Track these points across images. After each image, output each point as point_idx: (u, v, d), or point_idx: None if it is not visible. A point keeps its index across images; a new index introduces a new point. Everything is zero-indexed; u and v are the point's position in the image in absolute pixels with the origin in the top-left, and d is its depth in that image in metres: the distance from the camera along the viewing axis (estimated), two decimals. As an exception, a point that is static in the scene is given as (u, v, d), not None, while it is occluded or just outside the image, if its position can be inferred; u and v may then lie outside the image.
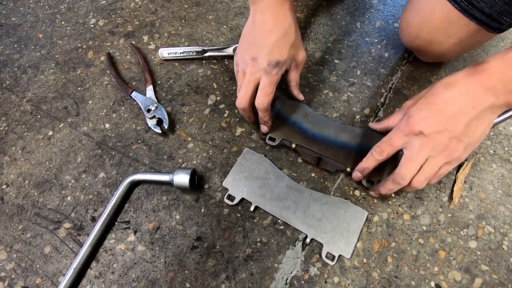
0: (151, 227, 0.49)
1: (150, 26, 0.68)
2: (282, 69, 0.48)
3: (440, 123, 0.39)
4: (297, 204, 0.49)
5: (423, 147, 0.40)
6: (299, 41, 0.50)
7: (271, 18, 0.46)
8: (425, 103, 0.41)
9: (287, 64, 0.49)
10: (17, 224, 0.49)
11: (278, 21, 0.47)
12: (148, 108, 0.56)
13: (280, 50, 0.46)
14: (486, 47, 0.66)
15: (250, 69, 0.47)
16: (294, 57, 0.49)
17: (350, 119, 0.57)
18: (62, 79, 0.62)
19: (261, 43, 0.46)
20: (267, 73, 0.46)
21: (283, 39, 0.46)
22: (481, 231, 0.48)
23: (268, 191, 0.50)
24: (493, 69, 0.37)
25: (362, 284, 0.45)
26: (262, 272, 0.45)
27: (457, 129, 0.39)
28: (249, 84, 0.47)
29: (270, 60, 0.46)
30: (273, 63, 0.46)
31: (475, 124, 0.39)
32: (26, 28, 0.69)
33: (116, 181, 0.52)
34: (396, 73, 0.62)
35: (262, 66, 0.46)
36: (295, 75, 0.52)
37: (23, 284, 0.45)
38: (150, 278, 0.45)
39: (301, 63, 0.51)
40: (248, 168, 0.51)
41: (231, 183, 0.50)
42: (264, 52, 0.46)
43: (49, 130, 0.57)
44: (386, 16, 0.69)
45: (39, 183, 0.52)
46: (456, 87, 0.39)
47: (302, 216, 0.48)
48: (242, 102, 0.48)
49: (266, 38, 0.46)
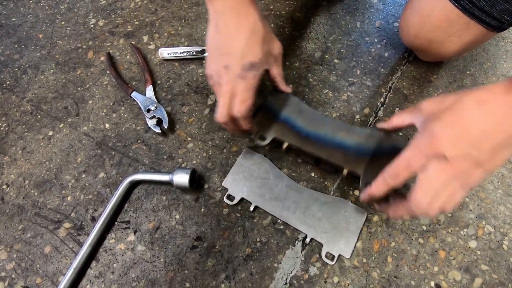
0: (151, 227, 0.49)
1: (150, 26, 0.68)
2: (260, 70, 0.44)
3: (465, 145, 0.34)
4: (297, 204, 0.49)
5: (443, 172, 0.35)
6: (270, 34, 0.46)
7: (233, 19, 0.42)
8: (452, 121, 0.35)
9: (264, 63, 0.45)
10: (17, 224, 0.49)
11: (241, 20, 0.42)
12: (148, 108, 0.56)
13: (252, 50, 0.43)
14: (487, 47, 0.66)
15: (224, 79, 0.43)
16: (269, 52, 0.45)
17: (350, 119, 0.57)
18: (62, 79, 0.62)
19: (230, 48, 0.43)
20: (243, 78, 0.42)
21: (252, 37, 0.43)
22: (481, 230, 0.48)
23: (267, 191, 0.50)
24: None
25: (362, 284, 0.45)
26: (261, 272, 0.45)
27: (481, 154, 0.34)
28: (227, 94, 0.43)
29: (243, 64, 0.42)
30: (247, 66, 0.42)
31: (501, 150, 0.34)
32: (26, 29, 0.69)
33: (116, 181, 0.52)
34: (396, 73, 0.62)
35: (237, 72, 0.42)
36: (277, 69, 0.48)
37: (23, 284, 0.45)
38: (150, 278, 0.45)
39: (279, 56, 0.48)
40: (248, 168, 0.51)
41: (231, 183, 0.50)
42: (236, 57, 0.42)
43: (49, 130, 0.57)
44: (386, 16, 0.69)
45: (39, 183, 0.52)
46: (489, 104, 0.34)
47: (301, 216, 0.48)
48: (221, 115, 0.44)
49: (234, 41, 0.42)
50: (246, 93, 0.43)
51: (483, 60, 0.64)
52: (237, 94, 0.43)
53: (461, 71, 0.62)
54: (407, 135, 0.55)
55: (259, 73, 0.44)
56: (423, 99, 0.59)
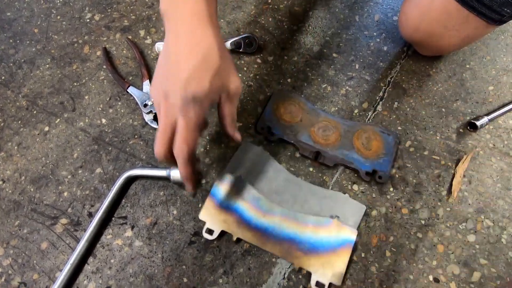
0: (148, 222, 0.48)
1: (147, 20, 0.67)
2: (204, 104, 0.37)
3: None
4: (295, 197, 0.49)
5: None
6: (227, 66, 0.38)
7: (185, 39, 0.36)
8: None
9: (212, 97, 0.38)
10: (14, 220, 0.49)
11: (193, 42, 0.36)
12: (145, 103, 0.56)
13: (199, 80, 0.36)
14: (486, 40, 0.65)
15: (163, 110, 0.37)
16: (222, 87, 0.38)
17: (349, 113, 0.56)
18: (58, 74, 0.62)
19: (174, 74, 0.36)
20: (183, 113, 0.36)
21: (202, 65, 0.36)
22: (480, 225, 0.48)
23: (266, 184, 0.50)
24: None
25: (360, 278, 0.44)
26: (260, 267, 0.45)
27: None
28: (166, 129, 0.37)
29: (185, 96, 0.35)
30: (189, 99, 0.35)
31: None
32: (21, 23, 0.68)
33: (113, 176, 0.52)
34: (395, 67, 0.61)
35: (177, 105, 0.36)
36: (228, 108, 0.41)
37: (20, 280, 0.45)
38: (147, 273, 0.45)
39: (235, 94, 0.40)
40: (246, 161, 0.51)
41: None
42: (177, 86, 0.35)
43: (45, 126, 0.57)
44: (385, 9, 0.68)
45: (36, 179, 0.52)
46: None
47: (300, 210, 0.48)
48: (159, 153, 0.38)
49: (180, 67, 0.36)
50: (187, 132, 0.37)
51: (483, 53, 0.63)
52: (177, 130, 0.37)
53: (461, 65, 0.62)
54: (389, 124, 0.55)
55: (204, 108, 0.37)
56: (422, 92, 0.59)
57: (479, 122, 0.54)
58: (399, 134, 0.54)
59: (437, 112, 0.57)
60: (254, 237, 0.45)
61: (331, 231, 0.45)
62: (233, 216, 0.47)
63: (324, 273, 0.43)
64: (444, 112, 0.57)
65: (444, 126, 0.55)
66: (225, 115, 0.42)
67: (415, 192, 0.50)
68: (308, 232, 0.45)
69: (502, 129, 0.55)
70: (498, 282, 0.44)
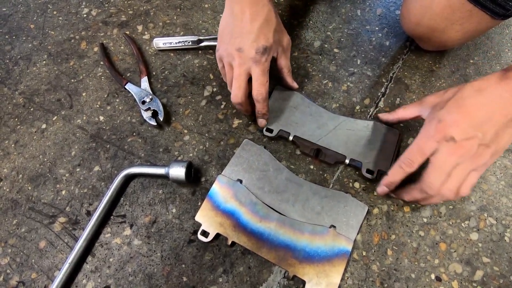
0: (147, 220, 0.48)
1: (145, 15, 0.66)
2: (270, 55, 0.47)
3: (471, 128, 0.37)
4: (296, 197, 0.48)
5: (452, 154, 0.38)
6: (281, 26, 0.49)
7: (249, 7, 0.46)
8: (455, 106, 0.39)
9: (274, 50, 0.48)
10: (12, 219, 0.48)
11: (257, 9, 0.46)
12: (143, 100, 0.55)
13: (265, 35, 0.46)
14: (491, 35, 0.64)
15: (237, 61, 0.46)
16: (279, 42, 0.49)
17: (350, 110, 0.56)
18: (55, 70, 0.61)
19: (244, 32, 0.45)
20: (257, 62, 0.45)
21: (265, 25, 0.46)
22: (483, 223, 0.47)
23: (267, 183, 0.49)
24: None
25: (362, 277, 0.44)
26: (259, 266, 0.45)
27: (487, 135, 0.37)
28: (241, 77, 0.46)
29: (257, 47, 0.45)
30: (261, 50, 0.45)
31: (504, 132, 0.37)
32: (17, 19, 0.67)
33: (111, 174, 0.51)
34: (397, 62, 0.60)
35: (250, 55, 0.45)
36: (285, 61, 0.51)
37: (18, 279, 0.45)
38: (146, 272, 0.45)
39: (288, 48, 0.51)
40: (247, 160, 0.50)
41: (229, 175, 0.49)
42: (250, 40, 0.45)
43: (42, 123, 0.56)
44: (388, 3, 0.67)
45: (33, 177, 0.51)
46: (487, 92, 0.38)
47: (301, 209, 0.47)
48: (238, 96, 0.47)
49: (249, 26, 0.45)
50: (264, 77, 0.46)
51: (487, 48, 0.62)
52: (254, 77, 0.46)
53: (464, 60, 0.61)
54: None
55: (270, 58, 0.47)
56: (425, 88, 0.58)
57: (482, 118, 0.53)
58: (401, 131, 0.53)
59: (439, 108, 0.56)
60: (249, 242, 0.45)
61: (326, 240, 0.45)
62: (230, 220, 0.46)
63: (319, 283, 0.42)
64: (447, 108, 0.56)
65: (447, 122, 0.55)
66: (283, 66, 0.51)
67: (417, 190, 0.49)
68: (303, 240, 0.45)
69: (506, 126, 0.54)
70: (501, 281, 0.43)
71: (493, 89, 0.37)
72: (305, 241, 0.45)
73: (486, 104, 0.37)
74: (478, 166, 0.38)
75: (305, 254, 0.44)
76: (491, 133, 0.37)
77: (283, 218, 0.46)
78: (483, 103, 0.37)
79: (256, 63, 0.45)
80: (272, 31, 0.47)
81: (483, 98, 0.38)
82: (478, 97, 0.38)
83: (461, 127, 0.37)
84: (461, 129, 0.37)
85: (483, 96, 0.38)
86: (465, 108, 0.38)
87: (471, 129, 0.37)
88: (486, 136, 0.37)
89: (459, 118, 0.38)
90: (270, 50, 0.46)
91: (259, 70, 0.46)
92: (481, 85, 0.38)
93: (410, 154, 0.41)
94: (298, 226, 0.46)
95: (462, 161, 0.38)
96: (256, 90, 0.46)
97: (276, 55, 0.50)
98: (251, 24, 0.45)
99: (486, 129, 0.37)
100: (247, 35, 0.45)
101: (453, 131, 0.38)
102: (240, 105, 0.48)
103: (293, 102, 0.54)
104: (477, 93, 0.38)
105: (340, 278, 0.43)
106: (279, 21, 0.49)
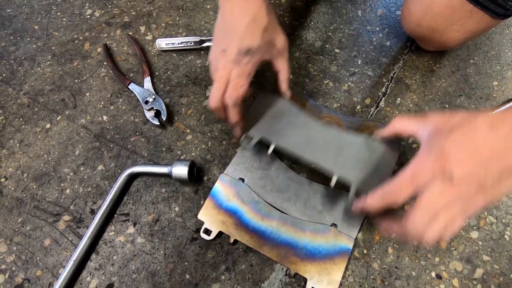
0: (150, 219, 0.48)
1: (147, 16, 0.67)
2: (256, 57, 0.43)
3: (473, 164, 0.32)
4: (298, 195, 0.49)
5: (445, 194, 0.32)
6: (274, 25, 0.45)
7: (238, 4, 0.42)
8: (463, 140, 0.33)
9: (262, 52, 0.43)
10: (17, 217, 0.49)
11: (246, 5, 0.42)
12: (146, 99, 0.56)
13: (252, 35, 0.42)
14: (491, 35, 0.64)
15: (221, 63, 0.42)
16: (271, 42, 0.44)
17: (351, 110, 0.56)
18: (59, 71, 0.62)
19: (230, 32, 0.42)
20: (237, 63, 0.42)
21: (253, 23, 0.42)
22: (483, 221, 0.47)
23: (268, 182, 0.49)
24: None
25: (362, 275, 0.44)
26: (262, 263, 0.45)
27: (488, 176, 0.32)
28: (221, 79, 0.42)
29: (240, 48, 0.41)
30: (243, 51, 0.41)
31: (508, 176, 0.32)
32: (21, 20, 0.68)
33: (114, 173, 0.52)
34: (398, 62, 0.61)
35: (232, 57, 0.41)
36: (281, 64, 0.46)
37: (23, 276, 0.45)
38: (150, 269, 0.45)
39: (284, 50, 0.46)
40: (249, 159, 0.51)
41: (231, 174, 0.50)
42: (234, 41, 0.41)
43: (46, 123, 0.56)
44: (388, 4, 0.68)
45: (38, 176, 0.52)
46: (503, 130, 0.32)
47: (302, 208, 0.48)
48: (214, 100, 0.43)
49: (235, 25, 0.42)
50: (239, 79, 0.42)
51: (487, 48, 0.63)
52: (230, 79, 0.42)
53: (465, 60, 0.61)
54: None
55: (255, 60, 0.43)
56: (425, 88, 0.58)
57: (482, 118, 0.53)
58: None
59: (440, 108, 0.56)
60: (251, 240, 0.45)
61: (328, 238, 0.45)
62: (232, 218, 0.46)
63: (320, 280, 0.43)
64: (448, 108, 0.56)
65: (447, 122, 0.55)
66: (278, 69, 0.46)
67: (418, 189, 0.50)
68: (305, 238, 0.45)
69: (506, 125, 0.55)
70: (501, 279, 0.44)
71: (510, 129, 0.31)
72: (306, 239, 0.45)
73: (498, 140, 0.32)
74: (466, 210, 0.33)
75: (306, 252, 0.44)
76: (493, 174, 0.31)
77: (285, 217, 0.47)
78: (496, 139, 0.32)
79: (236, 64, 0.42)
80: (261, 30, 0.42)
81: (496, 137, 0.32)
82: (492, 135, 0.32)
83: (464, 165, 0.32)
84: (464, 167, 0.32)
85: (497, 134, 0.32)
86: (474, 144, 0.32)
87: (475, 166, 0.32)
88: (487, 176, 0.31)
89: (465, 156, 0.32)
90: (256, 51, 0.42)
91: (237, 72, 0.42)
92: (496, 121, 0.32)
93: (400, 181, 0.34)
94: (300, 225, 0.46)
95: (453, 203, 0.32)
96: (228, 93, 0.42)
97: (271, 58, 0.45)
98: (238, 22, 0.42)
99: (491, 167, 0.31)
100: (233, 34, 0.42)
101: (454, 168, 0.32)
102: (217, 110, 0.44)
103: (279, 110, 0.48)
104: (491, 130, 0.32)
105: (341, 276, 0.43)
106: (272, 19, 0.44)
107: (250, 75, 0.43)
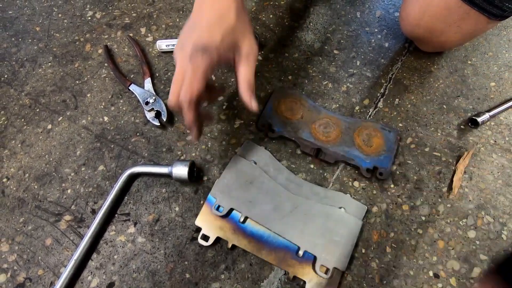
0: (150, 219, 0.49)
1: (148, 18, 0.68)
2: (213, 56, 0.39)
3: None
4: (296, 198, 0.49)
5: None
6: (243, 28, 0.41)
7: (207, 2, 0.41)
8: None
9: (221, 52, 0.40)
10: (18, 217, 0.50)
11: (214, 4, 0.40)
12: (147, 100, 0.56)
13: (211, 33, 0.39)
14: (488, 36, 0.65)
15: (179, 60, 0.40)
16: (234, 45, 0.41)
17: (350, 110, 0.57)
18: (60, 72, 0.62)
19: (192, 30, 0.40)
20: (192, 59, 0.38)
21: (217, 22, 0.39)
22: (481, 221, 0.48)
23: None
24: None
25: (361, 274, 0.45)
26: (261, 263, 0.46)
27: None
28: (178, 77, 0.40)
29: (195, 45, 0.38)
30: (198, 47, 0.38)
31: None
32: (23, 21, 0.69)
33: (115, 173, 0.52)
34: (396, 63, 0.61)
35: (188, 54, 0.39)
36: (243, 70, 0.41)
37: (25, 275, 0.46)
38: (150, 269, 0.46)
39: (249, 55, 0.41)
40: (247, 161, 0.51)
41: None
42: (192, 37, 0.39)
43: (48, 124, 0.57)
44: (387, 5, 0.68)
45: (39, 176, 0.52)
46: None
47: (301, 207, 0.48)
48: (171, 98, 0.40)
49: (198, 23, 0.40)
50: (193, 76, 0.38)
51: (485, 49, 0.63)
52: (185, 76, 0.39)
53: (462, 61, 0.62)
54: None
55: (212, 60, 0.39)
56: (424, 89, 0.58)
57: (480, 118, 0.54)
58: (400, 131, 0.54)
59: (438, 108, 0.57)
60: (249, 244, 0.46)
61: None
62: (229, 223, 0.47)
63: (319, 283, 0.43)
64: (445, 108, 0.57)
65: (445, 122, 0.55)
66: (240, 77, 0.42)
67: (416, 189, 0.50)
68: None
69: (503, 126, 0.55)
70: (498, 278, 0.44)
71: None
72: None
73: None
74: None
75: (304, 255, 0.45)
76: None
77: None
78: None
79: (191, 61, 0.38)
80: (223, 29, 0.39)
81: None
82: None
83: None
84: None
85: None
86: None
87: None
88: None
89: None
90: (213, 50, 0.39)
91: (191, 69, 0.38)
92: None
93: None
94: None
95: None
96: (181, 91, 0.39)
97: (232, 61, 0.42)
98: (202, 19, 0.40)
99: None
100: (193, 32, 0.40)
101: None
102: (176, 109, 0.41)
103: (250, 176, 0.49)
104: None
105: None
106: (242, 21, 0.41)
107: (205, 73, 0.39)
